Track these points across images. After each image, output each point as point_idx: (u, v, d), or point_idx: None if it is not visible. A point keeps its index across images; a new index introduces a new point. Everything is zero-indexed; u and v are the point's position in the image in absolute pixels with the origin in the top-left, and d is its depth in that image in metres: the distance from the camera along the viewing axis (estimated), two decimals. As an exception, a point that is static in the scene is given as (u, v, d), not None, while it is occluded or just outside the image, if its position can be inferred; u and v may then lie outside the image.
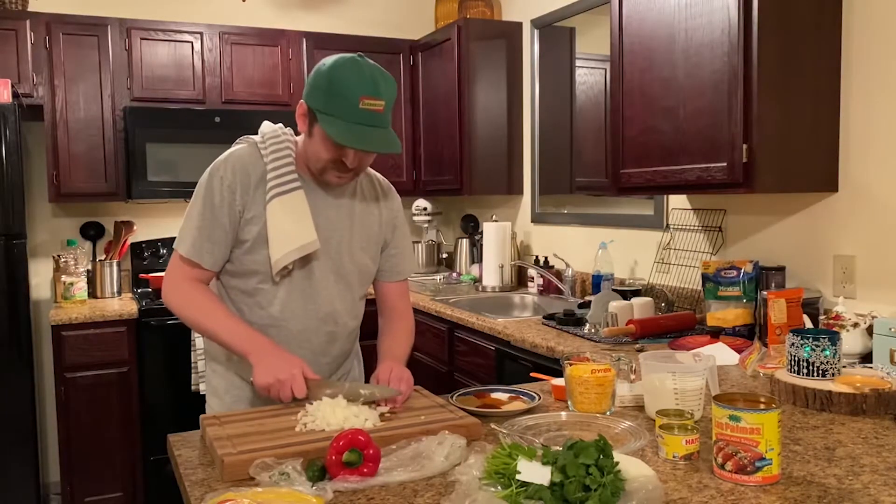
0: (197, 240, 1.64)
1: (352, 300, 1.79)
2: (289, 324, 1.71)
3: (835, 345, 1.62)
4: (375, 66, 1.57)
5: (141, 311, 3.37)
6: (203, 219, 1.63)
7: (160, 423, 3.36)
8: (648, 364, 1.51)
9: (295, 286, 1.69)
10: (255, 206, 1.64)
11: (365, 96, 1.51)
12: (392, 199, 1.85)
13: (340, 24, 4.35)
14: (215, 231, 1.64)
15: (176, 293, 1.67)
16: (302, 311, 1.71)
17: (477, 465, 1.13)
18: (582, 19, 3.42)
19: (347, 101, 1.51)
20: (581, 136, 3.46)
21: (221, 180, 1.64)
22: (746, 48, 2.04)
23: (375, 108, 1.53)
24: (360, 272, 1.79)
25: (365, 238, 1.77)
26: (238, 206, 1.64)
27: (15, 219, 3.15)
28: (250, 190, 1.64)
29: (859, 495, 1.12)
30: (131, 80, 3.62)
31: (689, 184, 2.26)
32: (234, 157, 1.68)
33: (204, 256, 1.64)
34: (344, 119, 1.52)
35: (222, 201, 1.63)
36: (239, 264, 1.69)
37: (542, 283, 3.50)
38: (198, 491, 1.21)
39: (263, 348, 1.59)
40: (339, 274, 1.74)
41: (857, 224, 2.18)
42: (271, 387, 1.53)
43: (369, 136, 1.53)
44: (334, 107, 1.52)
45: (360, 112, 1.51)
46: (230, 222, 1.64)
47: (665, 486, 1.16)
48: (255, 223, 1.64)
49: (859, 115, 2.15)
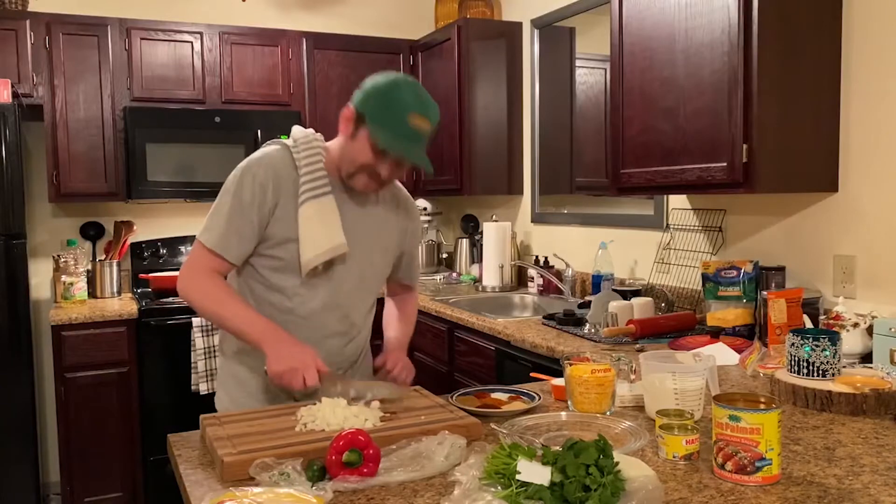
0: (225, 233, 1.68)
1: (367, 303, 1.86)
2: (307, 321, 1.74)
3: (835, 345, 1.62)
4: (423, 89, 1.68)
5: (141, 311, 3.37)
6: (233, 213, 1.67)
7: (160, 423, 3.37)
8: (648, 364, 1.52)
9: (318, 286, 1.73)
10: (285, 206, 1.69)
11: (415, 114, 1.61)
12: (412, 213, 1.94)
13: (340, 24, 4.35)
14: (244, 226, 1.68)
15: (194, 282, 1.70)
16: (321, 311, 1.75)
17: (477, 465, 1.13)
18: (582, 19, 3.42)
19: (399, 115, 1.60)
20: (581, 136, 3.46)
21: (254, 177, 1.68)
22: (746, 48, 2.04)
23: (422, 127, 1.62)
24: (377, 275, 1.87)
25: (384, 246, 1.85)
26: (269, 204, 1.68)
27: (15, 219, 3.15)
28: (281, 190, 1.69)
29: (859, 495, 1.12)
30: (131, 80, 3.62)
31: (689, 184, 2.26)
32: (269, 157, 1.72)
33: (230, 249, 1.69)
34: (392, 130, 1.61)
35: (253, 198, 1.67)
36: (263, 261, 1.73)
37: (542, 283, 3.50)
38: (198, 491, 1.21)
39: (277, 337, 1.63)
40: (361, 278, 1.80)
41: (857, 224, 2.18)
42: (284, 374, 1.57)
43: (412, 149, 1.62)
44: (385, 117, 1.61)
45: (407, 128, 1.60)
46: (258, 220, 1.68)
47: (665, 486, 1.16)
48: (283, 222, 1.69)
49: (859, 115, 2.15)
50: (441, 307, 3.23)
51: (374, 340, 1.92)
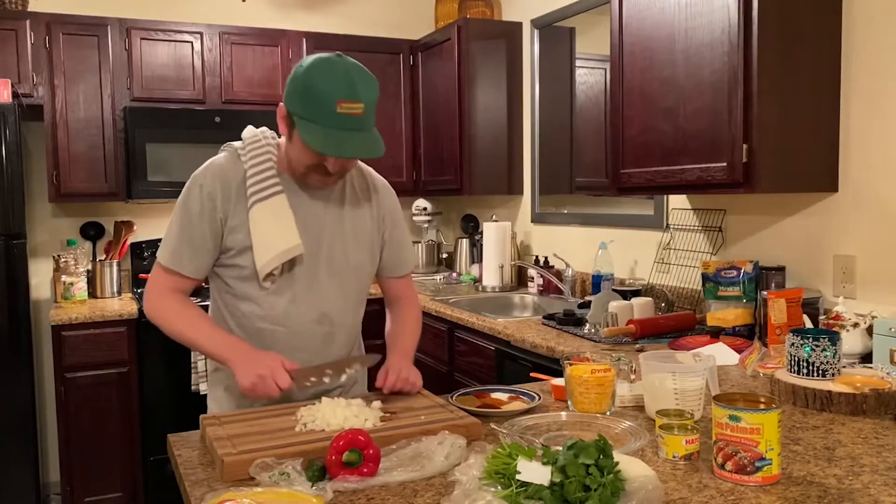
0: (177, 248, 1.63)
1: (346, 300, 1.77)
2: (283, 327, 1.69)
3: (835, 345, 1.62)
4: (354, 66, 1.53)
5: (141, 311, 3.37)
6: (182, 227, 1.63)
7: (160, 423, 3.37)
8: (648, 364, 1.51)
9: (286, 289, 1.68)
10: (238, 214, 1.63)
11: (342, 100, 1.48)
12: (385, 194, 1.83)
13: (340, 24, 4.35)
14: (195, 239, 1.63)
15: (156, 304, 1.66)
16: (295, 314, 1.69)
17: (477, 465, 1.13)
18: (582, 19, 3.42)
19: (324, 106, 1.48)
20: (581, 136, 3.46)
21: (201, 188, 1.63)
22: (746, 48, 2.04)
23: (354, 111, 1.49)
24: (356, 270, 1.76)
25: (357, 235, 1.75)
26: (220, 214, 1.63)
27: (15, 219, 3.15)
28: (231, 197, 1.63)
29: (859, 495, 1.12)
30: (131, 80, 3.61)
31: (689, 184, 2.26)
32: (215, 165, 1.67)
33: (184, 264, 1.64)
34: (321, 124, 1.49)
35: (202, 209, 1.62)
36: (228, 271, 1.69)
37: (542, 283, 3.50)
38: (198, 491, 1.21)
39: (240, 352, 1.59)
40: (332, 274, 1.72)
41: (857, 224, 2.18)
42: (255, 386, 1.52)
43: (347, 142, 1.50)
44: (311, 112, 1.50)
45: (337, 117, 1.48)
46: (211, 230, 1.63)
47: (665, 486, 1.16)
48: (239, 230, 1.63)
49: (859, 115, 2.15)
50: (441, 307, 3.23)
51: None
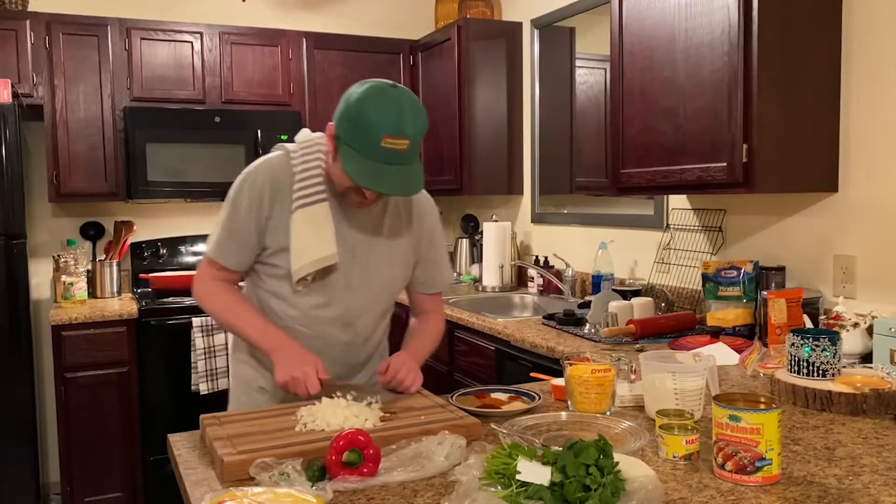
0: (222, 241, 1.70)
1: (373, 312, 1.79)
2: (308, 329, 1.73)
3: (835, 345, 1.62)
4: (407, 99, 1.52)
5: (141, 311, 3.37)
6: (230, 221, 1.69)
7: (160, 423, 3.37)
8: (648, 364, 1.51)
9: (316, 293, 1.71)
10: (281, 215, 1.67)
11: (388, 135, 1.48)
12: (427, 213, 1.84)
13: (340, 24, 4.35)
14: (240, 234, 1.68)
15: (204, 292, 1.74)
16: (321, 318, 1.73)
17: (477, 465, 1.13)
18: (582, 19, 3.42)
19: (369, 139, 1.49)
20: (581, 136, 3.46)
21: (251, 186, 1.67)
22: (746, 48, 2.04)
23: (398, 147, 1.49)
24: (386, 285, 1.79)
25: (392, 251, 1.77)
26: (265, 212, 1.67)
27: (15, 219, 3.15)
28: (277, 198, 1.67)
29: (859, 495, 1.12)
30: (131, 80, 3.62)
31: (689, 184, 2.26)
32: (267, 164, 1.71)
33: (228, 257, 1.70)
34: (363, 155, 1.50)
35: (250, 206, 1.66)
36: (264, 268, 1.73)
37: (542, 283, 3.50)
38: (198, 491, 1.21)
39: (284, 346, 1.65)
40: (363, 286, 1.74)
41: (857, 224, 2.18)
42: (288, 383, 1.59)
43: (386, 176, 1.51)
44: (356, 140, 1.51)
45: (380, 150, 1.49)
46: (256, 227, 1.68)
47: (665, 486, 1.16)
48: (279, 231, 1.67)
49: (859, 115, 2.15)
50: (441, 307, 3.23)
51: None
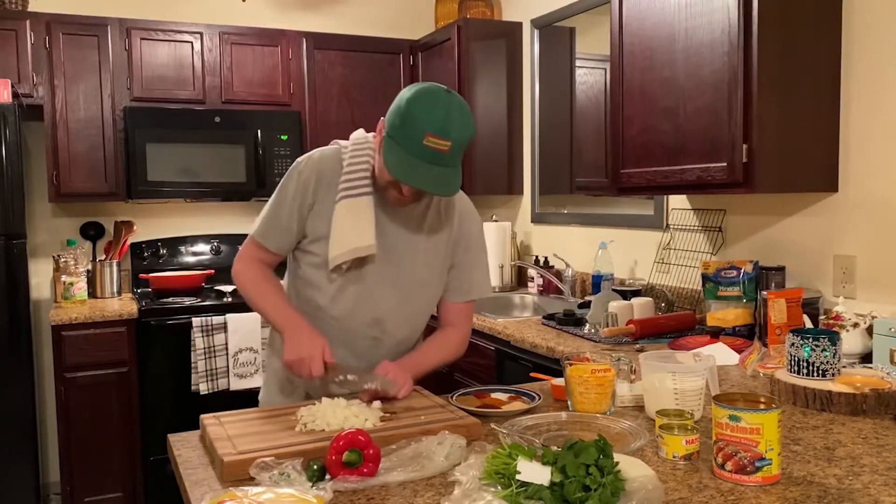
0: (267, 224, 1.75)
1: (403, 312, 1.78)
2: (337, 321, 1.75)
3: (835, 345, 1.62)
4: (457, 104, 1.54)
5: (141, 311, 3.37)
6: (276, 206, 1.74)
7: (160, 423, 3.36)
8: (648, 364, 1.52)
9: (349, 286, 1.73)
10: (325, 204, 1.70)
11: (431, 133, 1.50)
12: (468, 220, 1.82)
13: (340, 24, 4.35)
14: (283, 219, 1.73)
15: (241, 270, 1.79)
16: (351, 312, 1.74)
17: (477, 465, 1.13)
18: (582, 19, 3.42)
19: (413, 134, 1.51)
20: (581, 136, 3.46)
21: (300, 174, 1.72)
22: (746, 48, 2.04)
23: (440, 147, 1.51)
24: (420, 287, 1.78)
25: (430, 254, 1.77)
26: (309, 199, 1.71)
27: (15, 219, 3.15)
28: (323, 187, 1.71)
29: (859, 495, 1.12)
30: (131, 80, 3.61)
31: (689, 184, 2.26)
32: (318, 155, 1.76)
33: (270, 240, 1.75)
34: (404, 149, 1.53)
35: (296, 193, 1.71)
36: (303, 256, 1.77)
37: (542, 283, 3.50)
38: (198, 491, 1.21)
39: (297, 327, 1.67)
40: (396, 285, 1.74)
41: (857, 224, 2.18)
42: (294, 363, 1.61)
43: (421, 173, 1.53)
44: (400, 135, 1.54)
45: (422, 147, 1.51)
46: (299, 215, 1.72)
47: (665, 486, 1.16)
48: (320, 220, 1.71)
49: (859, 115, 2.15)
50: (441, 307, 3.23)
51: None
